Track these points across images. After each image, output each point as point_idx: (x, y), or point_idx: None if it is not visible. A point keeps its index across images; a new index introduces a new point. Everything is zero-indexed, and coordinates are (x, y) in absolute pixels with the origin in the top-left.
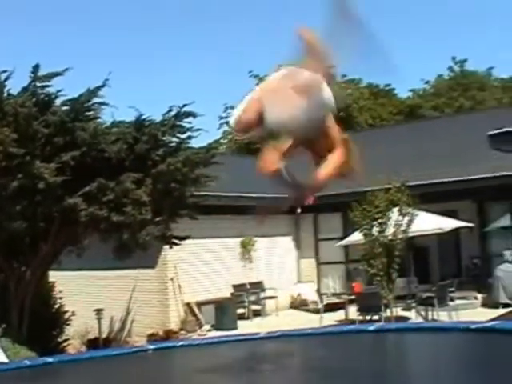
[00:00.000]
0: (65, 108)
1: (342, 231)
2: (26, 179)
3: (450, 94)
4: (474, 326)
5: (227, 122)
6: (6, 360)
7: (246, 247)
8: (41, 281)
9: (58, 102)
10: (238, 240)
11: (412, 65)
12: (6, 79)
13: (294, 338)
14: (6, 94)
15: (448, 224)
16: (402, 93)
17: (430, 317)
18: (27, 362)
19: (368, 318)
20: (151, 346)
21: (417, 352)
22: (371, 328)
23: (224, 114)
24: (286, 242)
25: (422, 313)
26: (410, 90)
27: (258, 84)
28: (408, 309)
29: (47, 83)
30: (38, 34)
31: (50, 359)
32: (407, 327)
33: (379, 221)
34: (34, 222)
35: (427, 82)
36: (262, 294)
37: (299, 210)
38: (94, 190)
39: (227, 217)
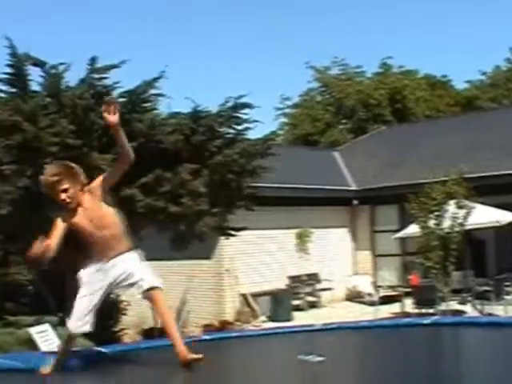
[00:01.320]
0: (122, 99)
1: (398, 223)
2: (84, 170)
3: (508, 86)
4: None
5: (284, 114)
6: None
7: (301, 238)
8: None
9: (114, 93)
10: (294, 231)
11: (469, 56)
12: (64, 71)
13: (349, 330)
14: (63, 86)
15: (505, 217)
16: (459, 84)
17: (485, 311)
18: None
19: (424, 311)
20: (207, 337)
21: (471, 347)
22: (426, 322)
23: (280, 105)
24: (343, 234)
25: (478, 307)
26: (467, 82)
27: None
28: (464, 302)
29: (104, 75)
30: (96, 26)
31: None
32: (462, 321)
33: (436, 213)
34: None
35: (484, 74)
36: (318, 286)
37: (356, 202)
38: (151, 181)
39: (283, 208)
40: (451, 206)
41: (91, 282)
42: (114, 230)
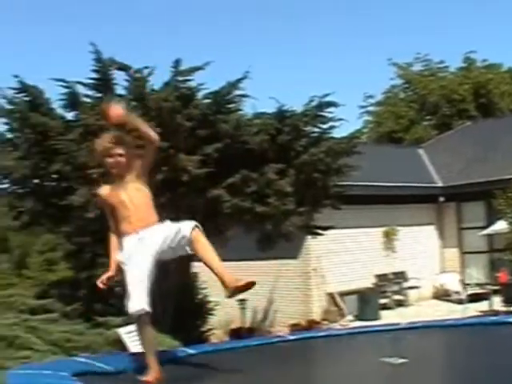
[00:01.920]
0: (206, 101)
1: (485, 220)
2: (170, 172)
3: None
4: None
5: (367, 112)
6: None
7: (388, 237)
8: (184, 271)
9: (199, 95)
10: (381, 230)
11: None
12: (149, 75)
13: (434, 328)
14: (148, 90)
15: None
16: None
17: None
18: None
19: None
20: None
21: None
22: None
23: (364, 103)
24: (429, 231)
25: None
26: None
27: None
28: None
29: (189, 77)
30: (180, 30)
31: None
32: None
33: None
34: (177, 214)
35: None
36: (405, 284)
37: (442, 199)
38: (237, 181)
39: (370, 206)
40: None
41: (135, 255)
42: (148, 205)
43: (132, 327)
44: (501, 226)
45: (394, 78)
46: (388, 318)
